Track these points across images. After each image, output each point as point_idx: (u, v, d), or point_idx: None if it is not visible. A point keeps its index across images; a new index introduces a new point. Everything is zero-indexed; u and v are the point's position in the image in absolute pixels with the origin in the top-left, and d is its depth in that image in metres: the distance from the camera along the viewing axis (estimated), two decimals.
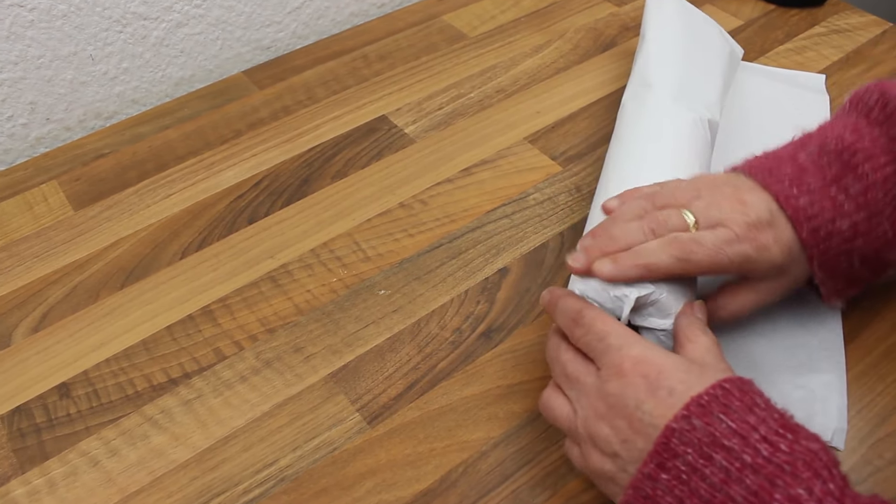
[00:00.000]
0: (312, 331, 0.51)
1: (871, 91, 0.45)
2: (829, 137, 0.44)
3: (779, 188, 0.43)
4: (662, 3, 0.65)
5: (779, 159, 0.45)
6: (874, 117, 0.44)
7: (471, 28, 0.77)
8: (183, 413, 0.48)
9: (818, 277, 0.44)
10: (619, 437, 0.36)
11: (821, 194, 0.43)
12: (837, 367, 0.48)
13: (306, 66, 0.73)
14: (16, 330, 0.52)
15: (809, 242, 0.43)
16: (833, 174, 0.43)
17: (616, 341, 0.39)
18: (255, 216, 0.59)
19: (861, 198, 0.43)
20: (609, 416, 0.37)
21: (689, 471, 0.33)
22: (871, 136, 0.43)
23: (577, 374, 0.40)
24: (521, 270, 0.54)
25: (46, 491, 0.44)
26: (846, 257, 0.44)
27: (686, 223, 0.42)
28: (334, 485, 0.44)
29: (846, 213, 0.42)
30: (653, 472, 0.34)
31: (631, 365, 0.37)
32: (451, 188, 0.61)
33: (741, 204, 0.42)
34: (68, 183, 0.63)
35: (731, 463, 0.33)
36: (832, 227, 0.42)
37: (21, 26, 0.62)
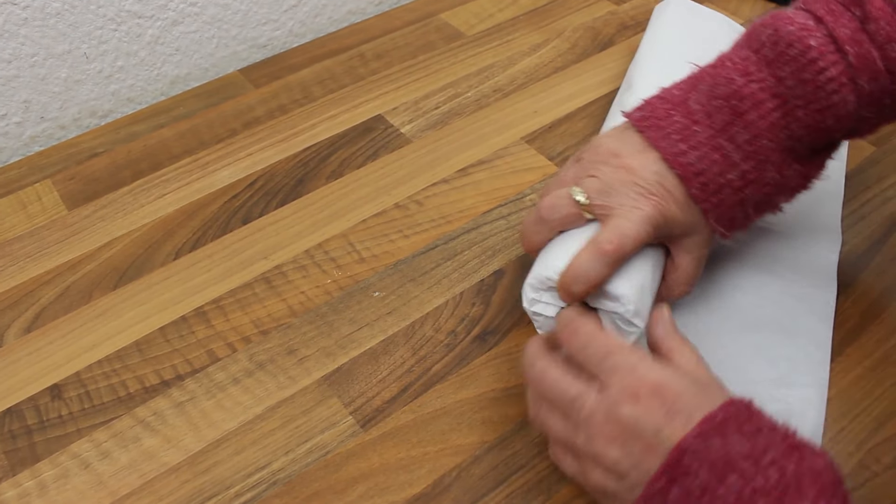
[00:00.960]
0: (306, 333, 0.51)
1: (766, 25, 0.44)
2: (720, 77, 0.44)
3: (666, 145, 0.43)
4: (666, 8, 0.65)
5: (670, 105, 0.44)
6: (764, 54, 0.43)
7: (468, 27, 0.77)
8: (175, 415, 0.47)
9: (716, 229, 0.45)
10: (632, 460, 0.36)
11: (709, 146, 0.43)
12: (818, 383, 0.47)
13: (303, 64, 0.73)
14: (8, 330, 0.52)
15: (700, 197, 0.43)
16: (721, 122, 0.43)
17: (624, 361, 0.38)
18: (249, 216, 0.59)
19: (749, 147, 0.43)
20: (622, 439, 0.36)
21: (700, 489, 0.33)
22: (760, 77, 0.43)
23: (572, 393, 0.38)
24: (516, 273, 0.54)
25: (37, 493, 0.44)
26: (740, 206, 0.44)
27: (572, 199, 0.43)
28: (327, 489, 0.44)
29: (734, 164, 0.43)
30: (664, 487, 0.34)
31: (647, 391, 0.36)
32: (448, 189, 0.60)
33: (629, 172, 0.43)
34: (62, 182, 0.62)
35: (743, 486, 0.33)
36: (722, 179, 0.43)
37: (15, 24, 0.62)
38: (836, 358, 0.49)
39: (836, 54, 0.42)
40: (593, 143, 0.46)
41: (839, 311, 0.51)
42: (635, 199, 0.42)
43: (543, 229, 0.44)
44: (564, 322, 0.41)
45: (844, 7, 0.43)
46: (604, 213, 0.43)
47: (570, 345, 0.40)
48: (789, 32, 0.42)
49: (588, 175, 0.44)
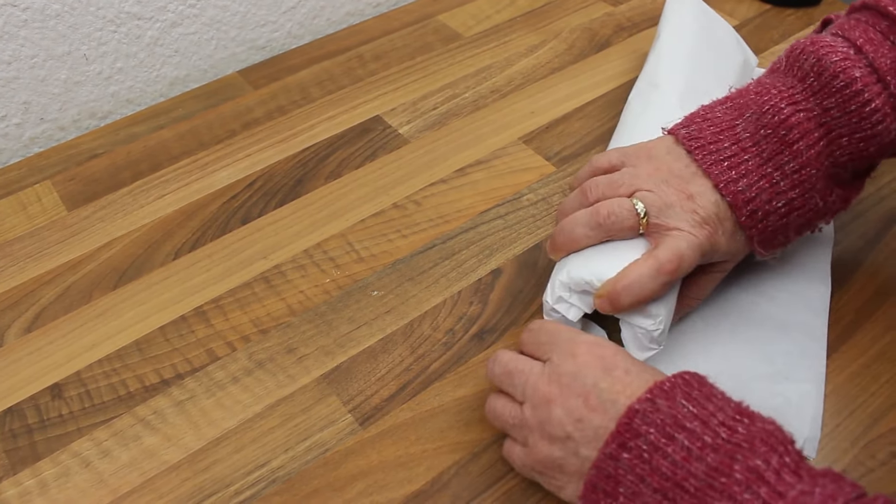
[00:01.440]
0: (305, 332, 0.51)
1: (807, 53, 0.45)
2: (767, 105, 0.45)
3: (717, 171, 0.44)
4: (682, 3, 0.65)
5: (718, 129, 0.46)
6: (809, 83, 0.45)
7: (466, 28, 0.77)
8: (175, 414, 0.48)
9: (757, 252, 0.47)
10: (574, 416, 0.37)
11: (757, 174, 0.44)
12: (816, 377, 0.47)
13: (301, 65, 0.73)
14: (8, 330, 0.52)
15: (748, 224, 0.44)
16: (769, 151, 0.44)
17: (567, 334, 0.40)
18: (248, 217, 0.59)
19: (796, 175, 0.44)
20: (562, 396, 0.38)
21: (650, 450, 0.35)
22: (807, 107, 0.44)
23: (520, 367, 0.41)
24: (514, 271, 0.54)
25: (38, 492, 0.44)
26: (783, 231, 0.46)
27: (635, 214, 0.44)
28: (326, 486, 0.44)
29: (782, 192, 0.44)
30: (614, 451, 0.35)
31: (585, 348, 0.39)
32: (445, 188, 0.61)
33: (689, 199, 0.44)
34: (62, 183, 0.63)
35: (692, 443, 0.34)
36: (769, 207, 0.44)
37: (14, 26, 0.62)
38: (832, 355, 0.49)
39: (878, 85, 0.43)
40: (644, 153, 0.47)
41: (835, 309, 0.51)
42: (693, 225, 0.43)
43: (597, 234, 0.45)
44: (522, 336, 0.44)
45: (883, 35, 0.44)
46: (658, 233, 0.44)
47: (523, 339, 0.43)
48: (833, 63, 0.44)
49: (646, 189, 0.45)
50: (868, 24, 0.45)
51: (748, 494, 0.32)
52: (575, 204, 0.47)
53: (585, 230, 0.45)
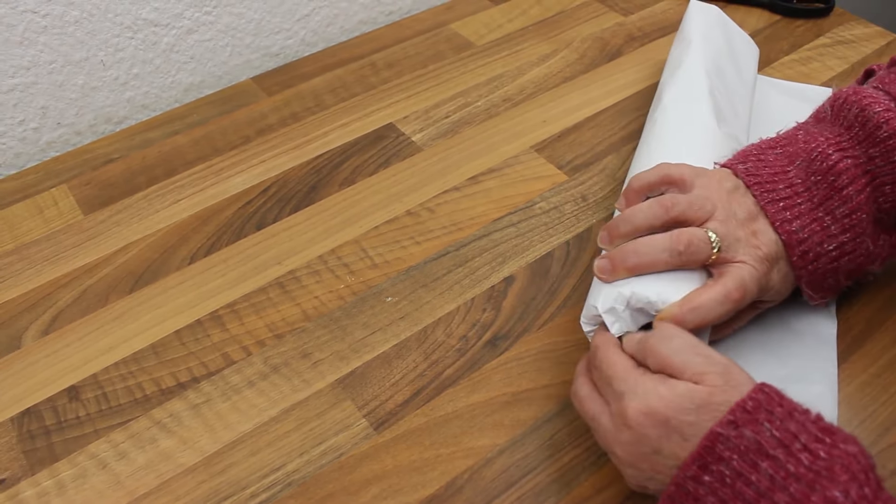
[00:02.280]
0: (320, 337, 0.52)
1: (851, 104, 0.47)
2: (815, 153, 0.47)
3: (774, 211, 0.46)
4: (707, 13, 0.65)
5: (772, 172, 0.47)
6: (855, 133, 0.47)
7: (478, 37, 0.78)
8: (191, 417, 0.48)
9: (806, 294, 0.48)
10: (645, 476, 0.39)
11: (809, 217, 0.46)
12: (829, 379, 0.48)
13: (315, 73, 0.74)
14: (26, 333, 0.53)
15: (799, 264, 0.46)
16: (820, 196, 0.46)
17: (619, 387, 0.40)
18: (263, 222, 0.60)
19: (846, 220, 0.46)
20: (629, 460, 0.39)
21: (733, 475, 0.35)
22: (853, 155, 0.46)
23: (593, 415, 0.42)
24: (526, 279, 0.55)
25: (56, 493, 0.45)
26: (832, 274, 0.47)
27: (711, 247, 0.44)
28: (340, 490, 0.44)
29: (833, 235, 0.46)
30: (696, 473, 0.36)
31: (634, 417, 0.38)
32: (458, 196, 0.61)
33: (753, 236, 0.45)
34: (78, 187, 0.63)
35: (776, 472, 0.34)
36: (820, 249, 0.45)
37: (34, 32, 0.63)
38: (842, 364, 0.49)
39: None
40: (714, 179, 0.47)
41: (845, 319, 0.51)
42: (756, 259, 0.45)
43: (675, 262, 0.44)
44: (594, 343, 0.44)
45: None
46: (723, 264, 0.45)
47: (592, 371, 0.44)
48: (877, 114, 0.46)
49: (719, 219, 0.45)
50: None
51: None
52: (650, 216, 0.46)
53: (665, 256, 0.44)
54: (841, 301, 0.52)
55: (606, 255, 0.46)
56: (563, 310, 0.53)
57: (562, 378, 0.49)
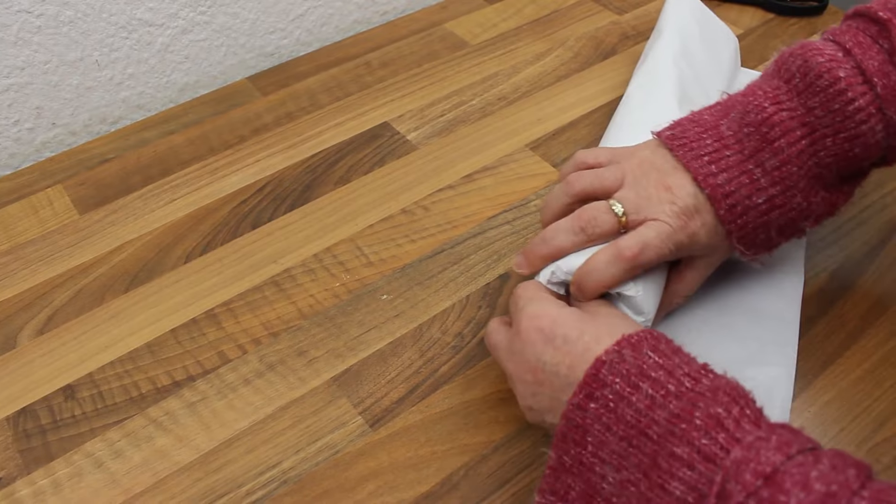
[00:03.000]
0: (315, 335, 0.52)
1: (795, 56, 0.46)
2: (751, 105, 0.46)
3: (697, 166, 0.44)
4: (683, 3, 0.66)
5: (702, 129, 0.46)
6: (794, 84, 0.45)
7: (472, 36, 0.78)
8: (187, 415, 0.48)
9: (738, 249, 0.46)
10: (529, 390, 0.40)
11: (738, 170, 0.44)
12: (787, 361, 0.48)
13: (310, 72, 0.74)
14: (21, 332, 0.53)
15: (727, 219, 0.44)
16: (751, 148, 0.45)
17: (522, 302, 0.42)
18: (258, 221, 0.60)
19: (776, 172, 0.44)
20: (517, 373, 0.40)
21: (616, 399, 0.35)
22: (790, 107, 0.45)
23: (494, 343, 0.43)
24: (521, 276, 0.55)
25: (51, 491, 0.45)
26: (763, 229, 0.45)
27: (615, 216, 0.44)
28: (336, 487, 0.44)
29: (762, 188, 0.44)
30: (582, 402, 0.36)
31: (527, 321, 0.40)
32: (453, 194, 0.61)
33: (667, 191, 0.44)
34: (73, 187, 0.63)
35: (656, 391, 0.35)
36: (749, 202, 0.44)
37: (28, 32, 0.63)
38: (836, 360, 0.49)
39: (864, 86, 0.43)
40: (628, 151, 0.48)
41: (839, 315, 0.52)
42: (669, 215, 0.44)
43: (580, 239, 0.45)
44: None
45: (872, 39, 0.44)
46: (634, 227, 0.44)
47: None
48: (819, 64, 0.44)
49: (627, 186, 0.45)
50: (858, 29, 0.45)
51: (706, 440, 0.33)
52: (559, 194, 0.47)
53: (570, 236, 0.45)
54: (835, 297, 0.53)
55: (521, 251, 0.47)
56: None
57: None
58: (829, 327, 0.51)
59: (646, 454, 0.34)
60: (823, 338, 0.51)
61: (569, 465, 0.37)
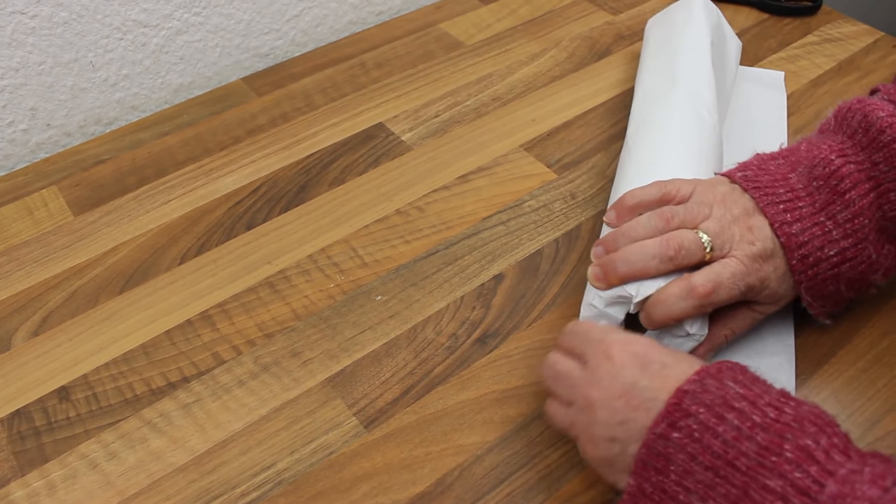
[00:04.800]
0: (310, 336, 0.52)
1: (854, 112, 0.47)
2: (818, 159, 0.46)
3: (774, 212, 0.45)
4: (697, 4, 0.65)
5: (773, 178, 0.47)
6: (858, 140, 0.46)
7: (467, 36, 0.78)
8: (181, 417, 0.48)
9: (805, 301, 0.47)
10: (617, 418, 0.38)
11: (811, 221, 0.45)
12: (787, 350, 0.49)
13: (304, 73, 0.74)
14: (16, 334, 0.53)
15: (798, 268, 0.45)
16: (822, 201, 0.45)
17: (598, 335, 0.41)
18: (253, 222, 0.60)
19: (848, 225, 0.45)
20: (603, 399, 0.38)
21: (701, 429, 0.35)
22: (857, 160, 0.46)
23: (566, 371, 0.41)
24: (516, 277, 0.55)
25: (46, 493, 0.45)
26: (833, 281, 0.46)
27: (703, 248, 0.45)
28: (331, 488, 0.44)
29: (834, 240, 0.45)
30: (664, 431, 0.36)
31: (619, 346, 0.39)
32: (448, 195, 0.61)
33: (749, 231, 0.45)
34: (68, 188, 0.63)
35: (742, 422, 0.35)
36: (821, 254, 0.45)
37: (23, 33, 0.63)
38: (830, 360, 0.50)
39: None
40: (710, 186, 0.48)
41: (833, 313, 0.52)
42: (746, 255, 0.44)
43: (666, 267, 0.45)
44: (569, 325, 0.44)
45: None
46: (714, 259, 0.45)
47: (562, 343, 0.43)
48: (880, 119, 0.45)
49: (711, 219, 0.46)
50: None
51: (799, 473, 0.33)
52: (650, 228, 0.46)
53: (655, 263, 0.45)
54: None
55: (598, 263, 0.47)
56: (552, 307, 0.53)
57: None
58: (822, 327, 0.51)
59: (735, 485, 0.34)
60: (817, 337, 0.51)
61: (649, 492, 0.36)
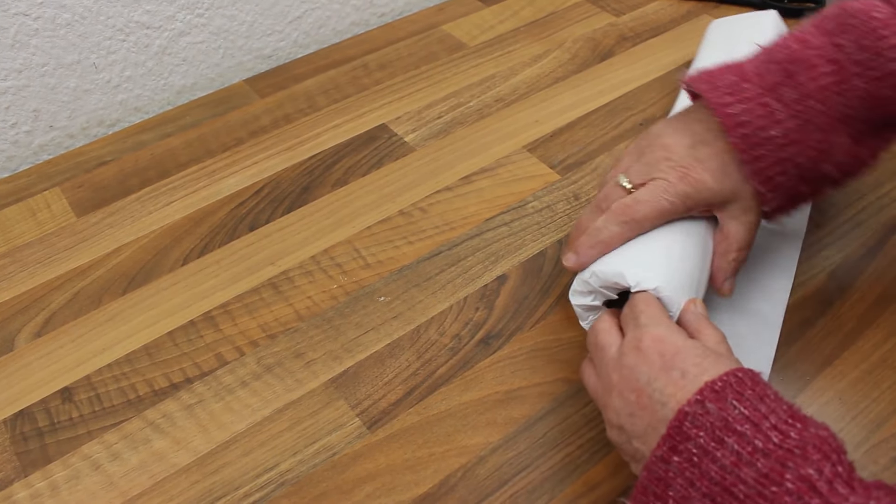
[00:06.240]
0: (313, 337, 0.52)
1: (833, 7, 0.46)
2: (777, 45, 0.46)
3: (713, 96, 0.44)
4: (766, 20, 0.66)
5: (725, 68, 0.46)
6: (825, 27, 0.45)
7: (470, 38, 0.78)
8: (184, 417, 0.48)
9: (759, 191, 0.45)
10: (627, 409, 0.38)
11: (755, 102, 0.44)
12: (765, 360, 0.49)
13: (307, 74, 0.74)
14: (19, 335, 0.53)
15: (740, 147, 0.44)
16: (771, 82, 0.44)
17: (645, 319, 0.40)
18: (256, 223, 0.60)
19: (796, 106, 0.43)
20: (620, 387, 0.38)
21: (700, 453, 0.34)
22: (817, 45, 0.44)
23: (603, 344, 0.41)
24: (519, 278, 0.55)
25: (49, 494, 0.45)
26: (781, 166, 0.44)
27: (624, 189, 0.45)
28: (334, 489, 0.44)
29: (778, 121, 0.43)
30: (665, 454, 0.35)
31: (650, 342, 0.38)
32: (451, 196, 0.61)
33: (664, 149, 0.45)
34: (71, 190, 0.63)
35: (742, 447, 0.33)
36: (763, 133, 0.43)
37: (26, 35, 0.63)
38: (834, 361, 0.49)
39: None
40: (643, 135, 0.49)
41: (837, 315, 0.52)
42: (664, 171, 0.44)
43: (595, 216, 0.46)
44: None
45: None
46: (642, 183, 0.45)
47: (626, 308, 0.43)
48: (853, 6, 0.44)
49: (636, 162, 0.47)
50: None
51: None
52: (588, 212, 0.48)
53: (591, 216, 0.46)
54: (833, 298, 0.53)
55: (567, 250, 0.47)
56: (555, 308, 0.53)
57: (554, 376, 0.49)
58: (826, 328, 0.51)
59: None
60: (821, 339, 0.51)
61: None
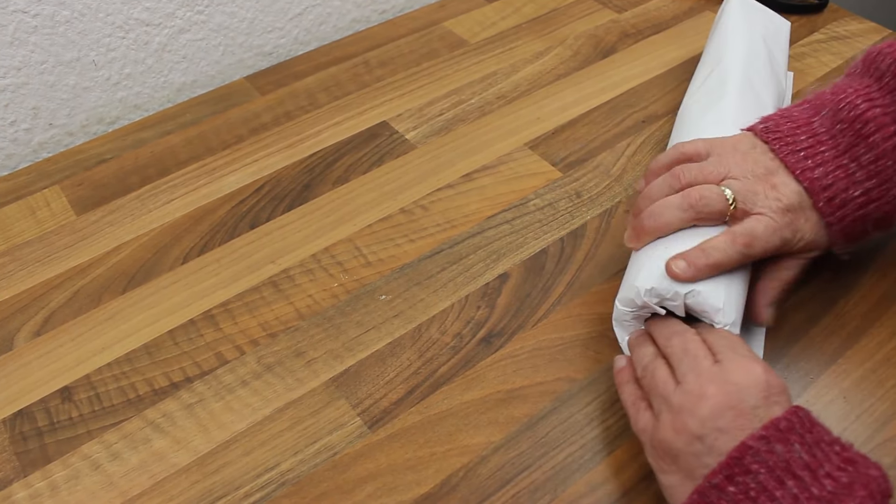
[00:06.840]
0: (314, 335, 0.52)
1: (884, 55, 0.47)
2: (843, 103, 0.46)
3: (794, 161, 0.46)
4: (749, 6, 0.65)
5: (795, 125, 0.47)
6: (886, 83, 0.46)
7: (471, 34, 0.77)
8: (184, 417, 0.48)
9: (838, 244, 0.47)
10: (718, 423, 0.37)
11: (834, 164, 0.45)
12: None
13: (308, 71, 0.74)
14: (18, 334, 0.53)
15: (826, 212, 0.45)
16: (846, 144, 0.46)
17: (743, 351, 0.41)
18: (256, 221, 0.60)
19: (872, 166, 0.45)
20: (718, 399, 0.38)
21: (758, 489, 0.35)
22: (883, 104, 0.45)
23: (694, 352, 0.41)
24: (521, 276, 0.55)
25: (48, 494, 0.45)
26: (861, 223, 0.46)
27: (724, 198, 0.45)
28: (335, 489, 0.44)
29: (858, 182, 0.45)
30: (721, 482, 0.36)
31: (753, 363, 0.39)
32: (452, 194, 0.61)
33: (773, 189, 0.45)
34: (71, 188, 0.63)
35: (800, 492, 0.35)
36: (846, 195, 0.45)
37: (25, 32, 0.63)
38: (838, 360, 0.49)
39: None
40: (729, 144, 0.48)
41: (841, 314, 0.51)
42: (775, 211, 0.45)
43: (688, 216, 0.46)
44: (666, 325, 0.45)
45: None
46: (742, 218, 0.45)
47: (659, 334, 0.44)
48: None
49: (733, 177, 0.46)
50: None
51: None
52: (664, 188, 0.48)
53: (677, 213, 0.46)
54: (836, 296, 0.52)
55: (629, 224, 0.48)
56: (557, 307, 0.53)
57: (556, 375, 0.49)
58: (830, 327, 0.51)
59: None
60: (825, 337, 0.50)
61: None
